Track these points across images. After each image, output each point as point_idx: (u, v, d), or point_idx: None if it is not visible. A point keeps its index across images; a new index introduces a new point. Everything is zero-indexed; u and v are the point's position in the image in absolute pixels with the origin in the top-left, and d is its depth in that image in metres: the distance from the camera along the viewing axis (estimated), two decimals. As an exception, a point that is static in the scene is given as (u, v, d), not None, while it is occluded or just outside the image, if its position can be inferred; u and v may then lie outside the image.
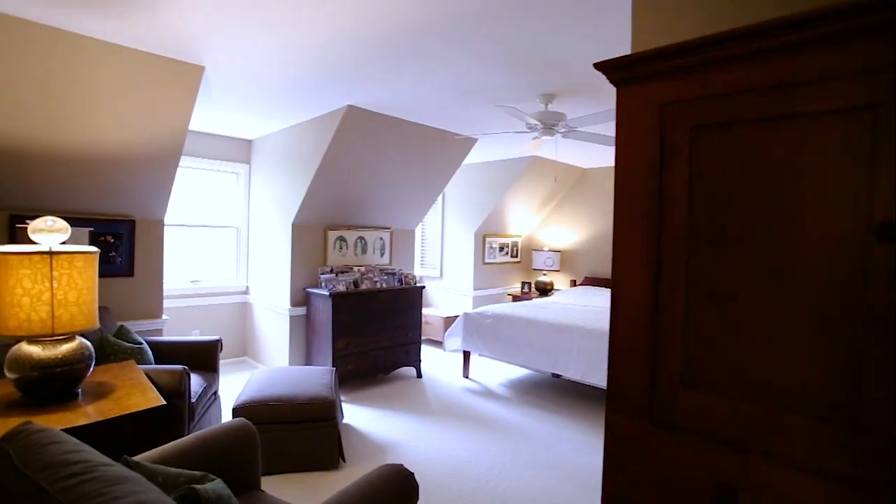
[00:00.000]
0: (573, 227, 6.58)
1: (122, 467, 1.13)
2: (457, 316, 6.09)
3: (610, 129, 3.90)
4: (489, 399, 4.23)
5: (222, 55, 2.76)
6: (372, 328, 4.38)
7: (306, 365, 4.47)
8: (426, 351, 5.76)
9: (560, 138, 4.08)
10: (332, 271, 4.45)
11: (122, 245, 3.44)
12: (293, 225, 4.36)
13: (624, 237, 1.12)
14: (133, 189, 3.34)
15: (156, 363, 3.07)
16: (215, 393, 3.32)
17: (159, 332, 3.63)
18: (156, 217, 3.61)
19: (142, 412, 2.49)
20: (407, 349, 4.72)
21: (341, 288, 4.21)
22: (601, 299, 5.31)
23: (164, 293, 4.47)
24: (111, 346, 2.76)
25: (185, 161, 4.68)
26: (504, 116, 3.83)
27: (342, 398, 4.07)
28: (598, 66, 1.12)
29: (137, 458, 1.60)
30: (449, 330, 4.90)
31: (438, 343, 6.17)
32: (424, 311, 6.20)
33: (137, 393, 1.89)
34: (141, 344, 2.98)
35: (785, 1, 1.02)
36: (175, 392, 2.56)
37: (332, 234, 4.67)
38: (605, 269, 6.20)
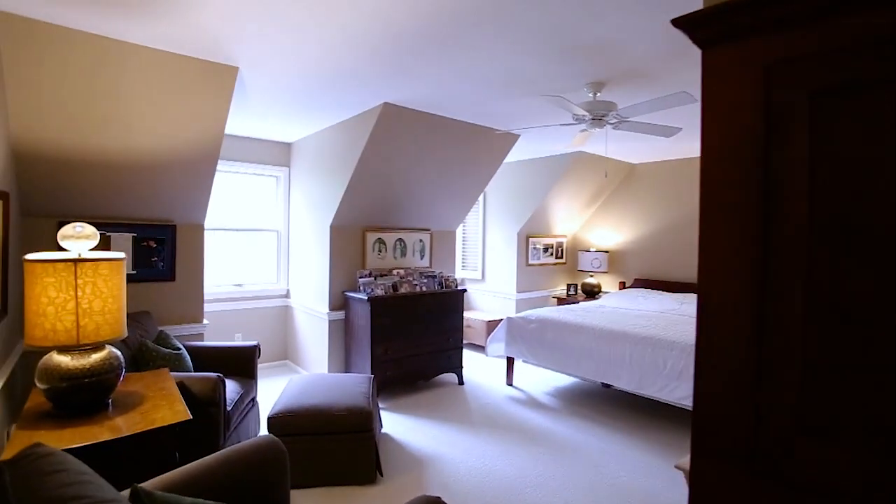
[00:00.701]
0: (621, 227, 6.21)
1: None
2: (499, 320, 5.86)
3: (666, 117, 3.58)
4: (534, 409, 4.00)
5: (255, 54, 2.68)
6: (412, 333, 4.24)
7: (345, 371, 4.38)
8: (468, 356, 5.58)
9: (610, 130, 3.79)
10: (370, 275, 4.34)
11: (164, 250, 3.45)
12: (331, 227, 4.28)
13: (714, 237, 0.89)
14: (173, 194, 3.34)
15: (195, 369, 3.04)
16: (253, 399, 3.26)
17: (200, 336, 3.63)
18: (196, 221, 3.61)
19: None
20: (448, 355, 4.54)
21: (380, 292, 4.09)
22: (654, 303, 4.95)
23: (207, 297, 4.51)
24: (150, 352, 2.73)
25: (226, 166, 4.71)
26: (548, 110, 3.60)
27: (381, 406, 3.95)
28: (676, 22, 0.90)
29: (163, 477, 1.50)
30: (491, 335, 4.69)
31: (480, 348, 5.96)
32: (466, 314, 6.02)
33: (166, 406, 1.81)
34: (180, 350, 2.95)
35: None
36: (210, 400, 2.49)
37: (371, 237, 4.57)
38: (658, 271, 5.81)
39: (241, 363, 3.27)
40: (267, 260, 5.09)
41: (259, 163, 4.92)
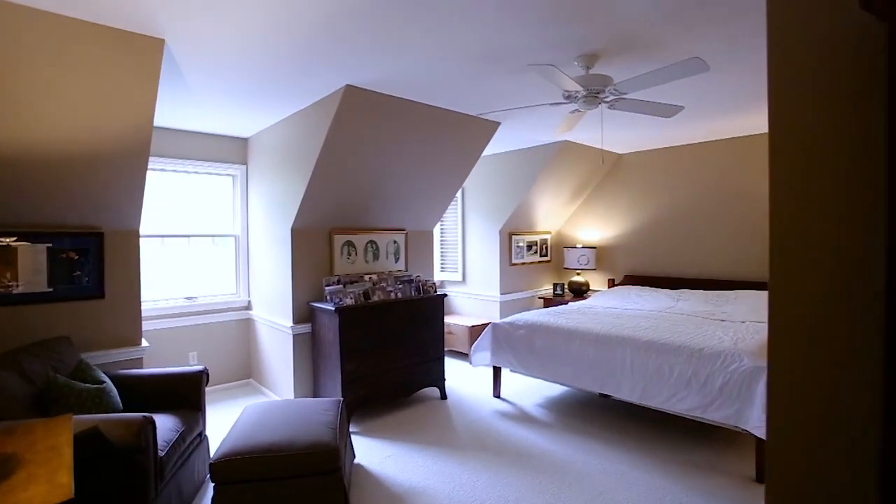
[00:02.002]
0: (609, 221, 5.88)
1: None
2: (483, 325, 5.47)
3: (667, 94, 3.22)
4: (526, 425, 3.60)
5: (183, 23, 2.20)
6: (387, 346, 3.79)
7: (314, 391, 3.91)
8: (451, 365, 5.16)
9: (602, 114, 3.42)
10: (339, 282, 3.88)
11: (88, 262, 2.92)
12: (293, 230, 3.81)
13: (799, 223, 0.50)
14: (97, 195, 2.82)
15: (126, 403, 2.54)
16: (200, 434, 2.77)
17: (138, 362, 3.11)
18: (129, 227, 3.09)
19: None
20: (428, 367, 4.11)
21: (349, 301, 3.63)
22: (649, 301, 4.62)
23: (153, 314, 3.99)
24: (61, 388, 2.23)
25: (175, 164, 4.19)
26: (534, 91, 3.20)
27: (354, 430, 3.50)
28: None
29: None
30: (476, 343, 4.28)
31: (464, 355, 5.55)
32: (447, 319, 5.60)
33: (43, 478, 1.33)
34: (103, 383, 2.45)
35: None
36: (134, 447, 2.01)
37: (339, 239, 4.10)
38: (649, 266, 5.49)
39: (185, 392, 2.78)
40: (225, 269, 4.57)
41: (213, 161, 4.41)
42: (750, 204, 4.72)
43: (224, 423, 3.54)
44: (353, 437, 3.36)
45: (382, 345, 3.76)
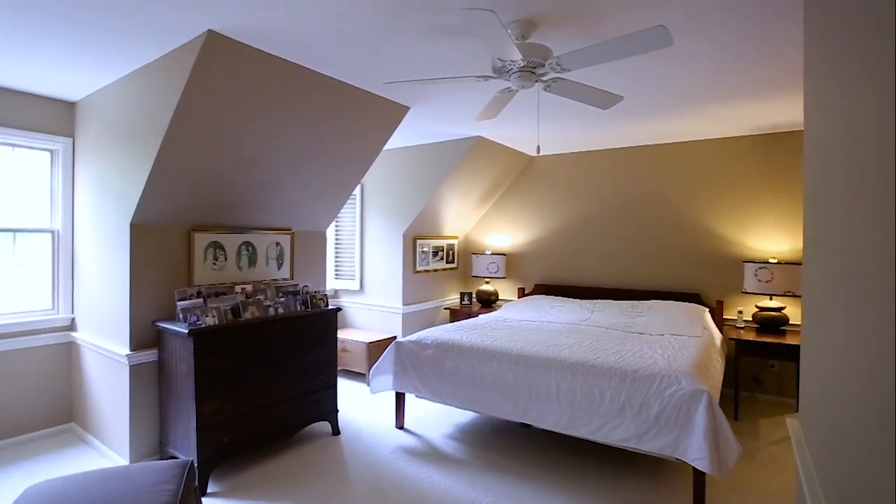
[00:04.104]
0: (520, 226, 5.57)
1: None
2: (384, 340, 4.81)
3: (609, 81, 2.86)
4: (435, 464, 3.02)
5: None
6: (262, 376, 2.99)
7: (159, 440, 2.97)
8: (346, 389, 4.43)
9: (541, 92, 2.99)
10: (198, 294, 2.99)
11: None
12: (132, 225, 2.85)
13: None
14: None
15: None
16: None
17: None
18: None
19: None
20: (317, 398, 3.36)
21: (210, 320, 2.77)
22: (564, 313, 4.32)
23: None
24: None
25: (-53, 127, 2.97)
26: (451, 63, 2.66)
27: (214, 490, 2.65)
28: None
29: None
30: (375, 366, 3.62)
31: (361, 376, 4.85)
32: (342, 335, 4.85)
33: None
34: None
35: None
36: None
37: (202, 239, 3.20)
38: (561, 275, 5.26)
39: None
40: (39, 276, 3.39)
41: (22, 129, 3.23)
42: (662, 213, 4.67)
43: (15, 493, 2.48)
44: (212, 503, 2.52)
45: (256, 375, 2.95)
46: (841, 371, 1.07)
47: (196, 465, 2.59)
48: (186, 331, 2.61)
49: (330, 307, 3.49)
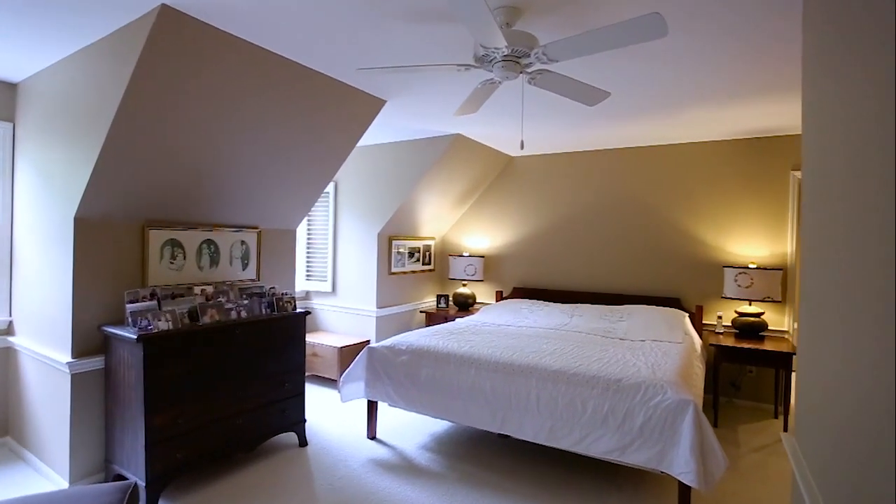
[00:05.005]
0: (498, 228, 5.44)
1: None
2: (356, 344, 4.61)
3: (593, 80, 2.74)
4: (410, 478, 2.85)
5: None
6: (221, 385, 2.75)
7: (105, 457, 2.70)
8: (315, 396, 4.20)
9: (525, 87, 2.84)
10: (152, 296, 2.74)
11: None
12: (77, 219, 2.59)
13: None
14: None
15: None
16: None
17: None
18: None
19: None
20: (283, 407, 3.14)
21: (163, 325, 2.53)
22: (542, 317, 4.21)
23: None
24: None
25: None
26: (427, 52, 2.50)
27: (164, 514, 2.41)
28: None
29: None
30: (346, 372, 3.42)
31: (332, 382, 4.63)
32: (312, 338, 4.62)
33: None
34: None
35: None
36: None
37: (158, 237, 2.95)
38: (539, 278, 5.15)
39: None
40: (-32, 273, 3.07)
41: (-48, 112, 2.92)
42: (643, 217, 4.61)
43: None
44: (159, 527, 2.28)
45: (215, 384, 2.71)
46: (839, 378, 1.07)
47: (145, 485, 2.36)
48: (135, 336, 2.37)
49: (298, 310, 3.27)
